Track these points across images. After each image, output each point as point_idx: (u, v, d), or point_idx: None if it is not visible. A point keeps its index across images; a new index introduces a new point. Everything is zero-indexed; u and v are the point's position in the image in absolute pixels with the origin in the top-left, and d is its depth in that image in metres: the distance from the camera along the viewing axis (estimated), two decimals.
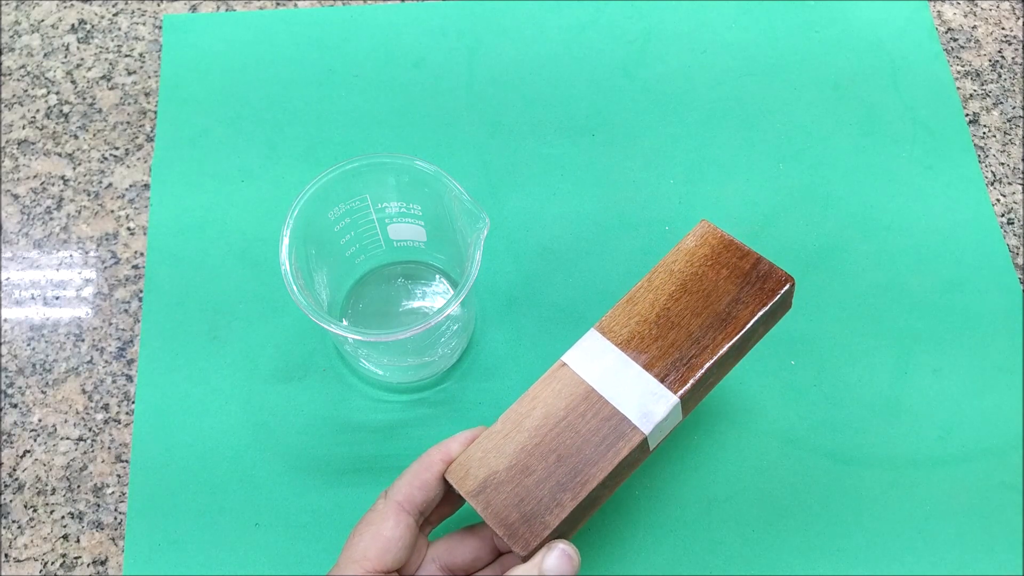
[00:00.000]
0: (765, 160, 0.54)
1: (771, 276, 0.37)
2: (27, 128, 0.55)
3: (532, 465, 0.35)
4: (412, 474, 0.36)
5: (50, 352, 0.49)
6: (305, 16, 0.58)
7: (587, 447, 0.35)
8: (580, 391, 0.36)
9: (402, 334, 0.38)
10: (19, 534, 0.45)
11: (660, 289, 0.38)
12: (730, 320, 0.37)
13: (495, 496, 0.34)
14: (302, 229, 0.40)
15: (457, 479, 0.35)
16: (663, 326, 0.37)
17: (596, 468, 0.34)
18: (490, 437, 0.36)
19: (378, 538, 0.35)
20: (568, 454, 0.35)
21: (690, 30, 0.58)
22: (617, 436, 0.35)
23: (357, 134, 0.54)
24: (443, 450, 0.36)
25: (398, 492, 0.36)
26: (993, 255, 0.52)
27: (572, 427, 0.35)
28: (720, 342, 0.36)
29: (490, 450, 0.35)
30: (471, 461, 0.35)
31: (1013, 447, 0.47)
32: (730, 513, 0.45)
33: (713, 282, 0.37)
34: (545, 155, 0.54)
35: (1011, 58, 0.58)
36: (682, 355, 0.36)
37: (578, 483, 0.34)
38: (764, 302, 0.37)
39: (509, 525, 0.34)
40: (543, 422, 0.35)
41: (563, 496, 0.34)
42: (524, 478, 0.34)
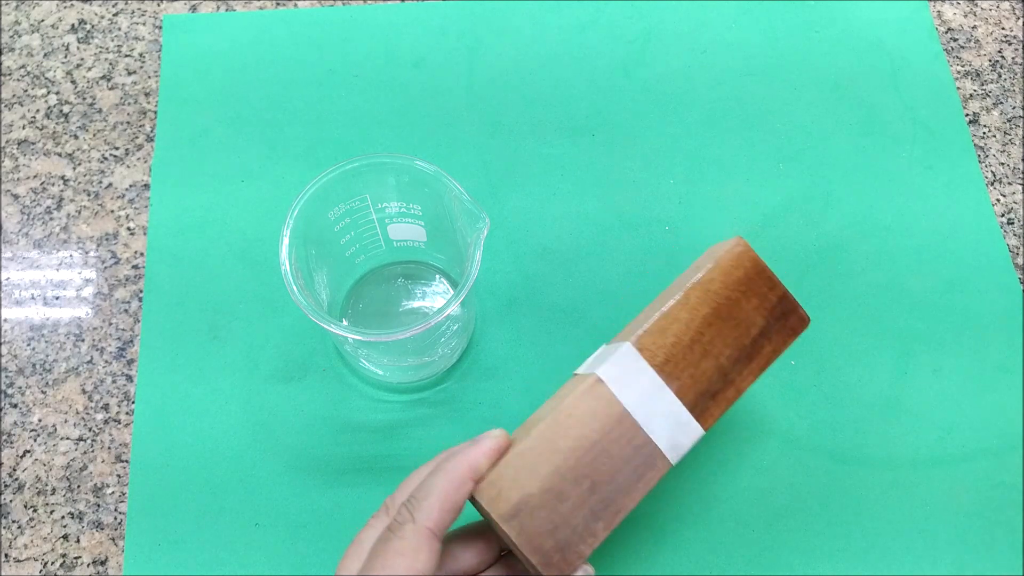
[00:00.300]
0: (765, 160, 0.54)
1: (794, 314, 0.37)
2: (27, 128, 0.55)
3: (567, 491, 0.33)
4: (442, 495, 0.32)
5: (50, 352, 0.49)
6: (305, 16, 0.58)
7: (620, 476, 0.34)
8: (615, 413, 0.35)
9: (402, 334, 0.38)
10: (19, 534, 0.45)
11: (696, 310, 0.36)
12: (756, 356, 0.37)
13: (529, 522, 0.33)
14: (302, 229, 0.40)
15: (488, 499, 0.33)
16: (697, 353, 0.36)
17: (628, 498, 0.34)
18: (522, 455, 0.34)
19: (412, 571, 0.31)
20: (602, 481, 0.34)
21: (690, 30, 0.58)
22: (648, 465, 0.34)
23: (357, 134, 0.54)
24: (472, 467, 0.32)
25: (428, 517, 0.32)
26: (993, 255, 0.52)
27: (606, 452, 0.34)
28: (746, 377, 0.36)
29: (522, 469, 0.33)
30: (503, 480, 0.33)
31: (1013, 447, 0.47)
32: (730, 513, 0.45)
33: (745, 312, 0.37)
34: (545, 155, 0.54)
35: (1011, 58, 0.58)
36: (711, 387, 0.36)
37: (611, 512, 0.33)
38: (786, 341, 0.37)
39: (544, 553, 0.32)
40: (577, 443, 0.34)
41: (596, 526, 0.33)
42: (559, 504, 0.33)
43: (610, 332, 0.49)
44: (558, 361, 0.49)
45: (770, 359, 0.37)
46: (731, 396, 0.36)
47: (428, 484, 0.32)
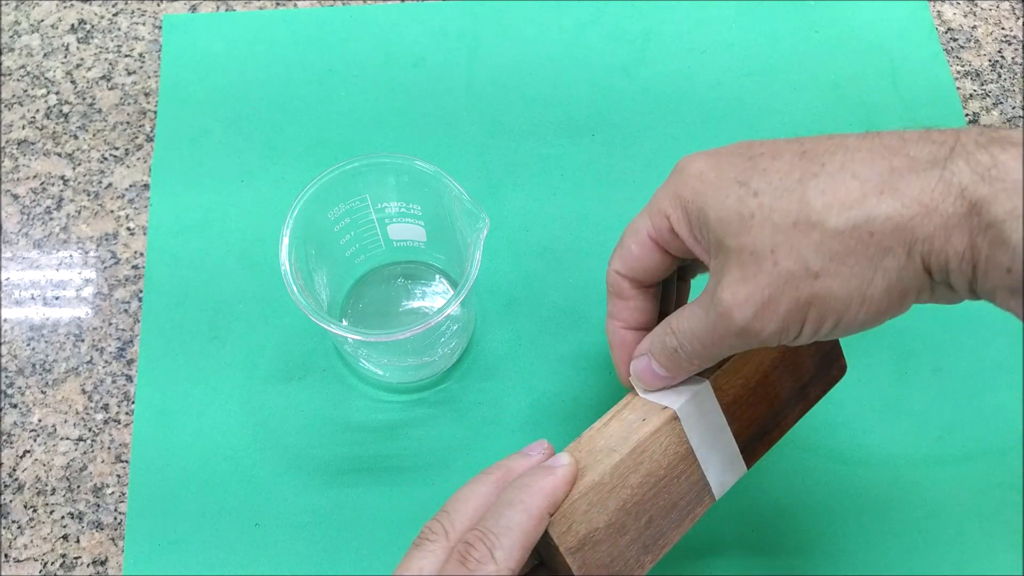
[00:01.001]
0: None
1: (837, 362, 0.38)
2: (27, 128, 0.55)
3: (627, 525, 0.33)
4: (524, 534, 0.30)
5: (50, 352, 0.49)
6: (305, 16, 0.58)
7: (674, 511, 0.34)
8: (683, 451, 0.34)
9: (402, 334, 0.38)
10: (19, 534, 0.45)
11: (766, 352, 0.36)
12: (802, 400, 0.37)
13: (591, 555, 0.32)
14: (302, 229, 0.40)
15: (559, 533, 0.32)
16: (759, 396, 0.36)
17: (677, 532, 0.34)
18: (596, 490, 0.33)
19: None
20: (658, 516, 0.34)
21: (690, 30, 0.58)
22: (698, 501, 0.35)
23: (357, 134, 0.54)
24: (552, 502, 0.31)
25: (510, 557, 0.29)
26: None
27: (668, 488, 0.34)
28: (790, 422, 0.37)
29: (594, 503, 0.33)
30: (575, 515, 0.32)
31: (1013, 447, 0.47)
32: (730, 513, 0.45)
33: (803, 357, 0.37)
34: (545, 155, 0.54)
35: (1011, 58, 0.58)
36: (761, 429, 0.36)
37: (659, 545, 0.34)
38: (826, 388, 0.38)
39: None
40: (645, 479, 0.34)
41: (645, 558, 0.34)
42: (619, 538, 0.33)
43: None
44: (558, 361, 0.49)
45: (813, 404, 0.37)
46: (775, 438, 0.37)
47: (507, 519, 0.30)
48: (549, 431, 0.47)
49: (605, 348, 0.37)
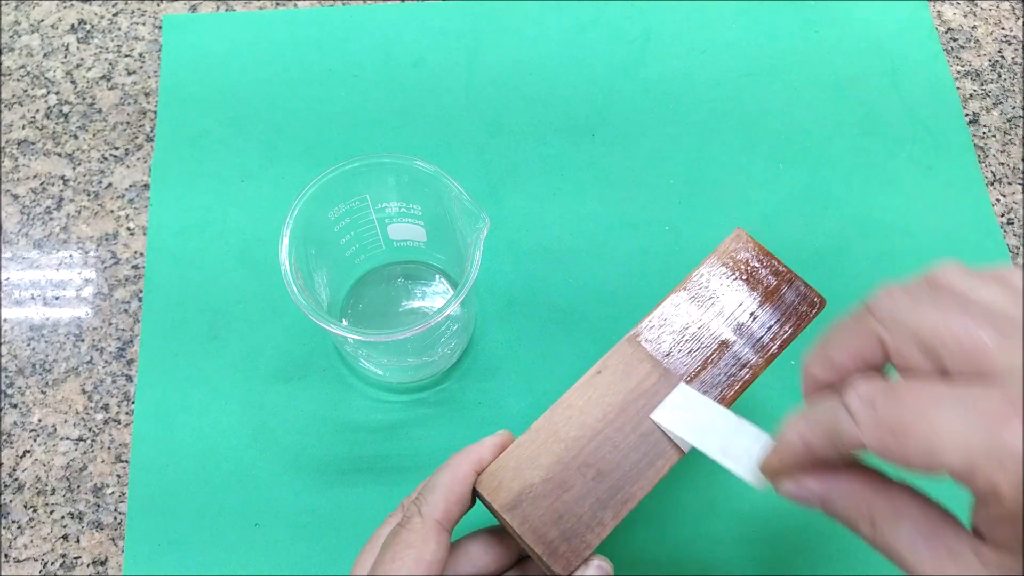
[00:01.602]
0: (765, 160, 0.54)
1: (806, 297, 0.37)
2: (27, 128, 0.55)
3: (570, 480, 0.33)
4: (446, 488, 0.33)
5: (50, 352, 0.49)
6: (305, 16, 0.58)
7: (627, 463, 0.33)
8: (618, 401, 0.34)
9: (402, 334, 0.38)
10: (19, 534, 0.45)
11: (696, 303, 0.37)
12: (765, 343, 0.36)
13: (532, 511, 0.32)
14: (302, 229, 0.40)
15: (489, 490, 0.33)
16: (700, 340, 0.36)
17: (637, 487, 0.33)
18: (523, 446, 0.33)
19: (421, 563, 0.31)
20: (608, 470, 0.33)
21: (690, 30, 0.58)
22: (658, 454, 0.34)
23: (357, 134, 0.54)
24: (473, 459, 0.33)
25: (435, 510, 0.33)
26: (993, 255, 0.52)
27: (611, 440, 0.34)
28: (757, 363, 0.36)
29: (524, 460, 0.33)
30: (503, 471, 0.33)
31: None
32: (730, 513, 0.45)
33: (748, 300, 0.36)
34: (545, 155, 0.54)
35: (1011, 58, 0.58)
36: (721, 372, 0.35)
37: (619, 500, 0.33)
38: (799, 326, 0.37)
39: (548, 543, 0.32)
40: (580, 432, 0.34)
41: (604, 514, 0.32)
42: (562, 493, 0.33)
43: (610, 332, 0.49)
44: (558, 361, 0.49)
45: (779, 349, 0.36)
46: (747, 378, 0.35)
47: (434, 479, 0.33)
48: None
49: (605, 348, 0.37)
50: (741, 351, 0.36)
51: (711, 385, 0.35)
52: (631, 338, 0.36)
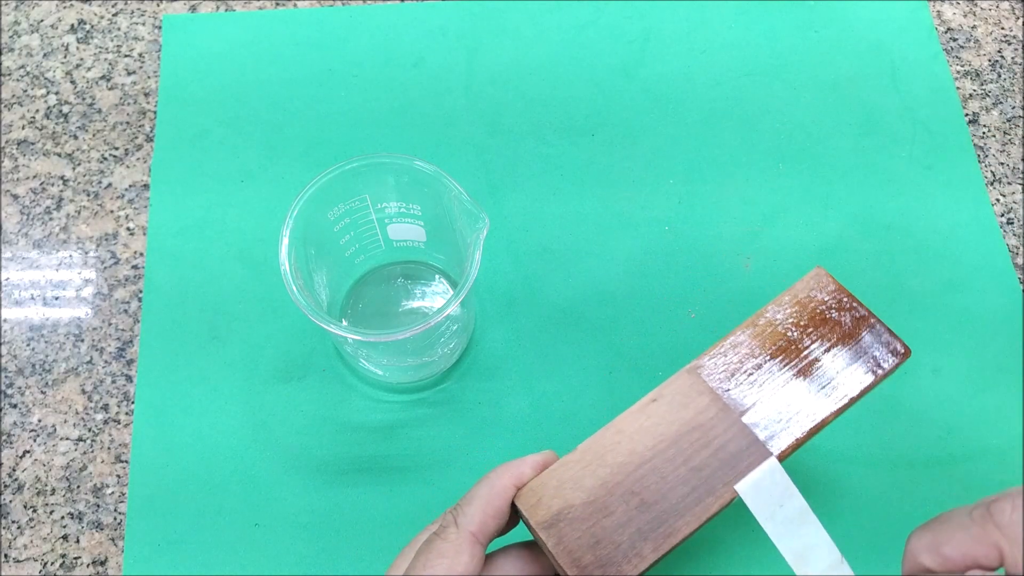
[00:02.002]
0: (765, 160, 0.54)
1: (888, 345, 0.35)
2: (27, 128, 0.55)
3: (612, 505, 0.32)
4: (484, 501, 0.33)
5: (50, 352, 0.49)
6: (305, 16, 0.58)
7: (673, 496, 0.32)
8: (671, 433, 0.33)
9: (402, 334, 0.38)
10: (19, 534, 0.45)
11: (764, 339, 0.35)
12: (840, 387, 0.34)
13: (569, 532, 0.31)
14: (302, 229, 0.40)
15: (527, 507, 0.32)
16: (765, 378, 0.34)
17: (682, 521, 0.32)
18: (567, 466, 0.33)
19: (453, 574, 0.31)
20: (652, 501, 0.32)
21: (690, 30, 0.58)
22: (708, 491, 0.32)
23: (357, 134, 0.54)
24: (514, 474, 0.33)
25: (471, 521, 0.32)
26: (993, 255, 0.52)
27: (658, 471, 0.32)
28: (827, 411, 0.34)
29: (566, 480, 0.32)
30: (544, 489, 0.32)
31: (1013, 447, 0.47)
32: (730, 513, 0.45)
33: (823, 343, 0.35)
34: (545, 155, 0.54)
35: (1011, 58, 0.58)
36: (785, 415, 0.33)
37: (661, 534, 0.31)
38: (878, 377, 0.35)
39: (582, 567, 0.31)
40: (627, 459, 0.32)
41: (643, 546, 0.31)
42: (602, 518, 0.32)
43: (610, 332, 0.49)
44: (558, 361, 0.49)
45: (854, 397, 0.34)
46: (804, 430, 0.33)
47: (473, 491, 0.33)
48: (549, 431, 0.47)
49: (605, 348, 0.37)
50: (809, 395, 0.34)
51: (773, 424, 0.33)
52: (691, 369, 0.34)
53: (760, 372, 0.34)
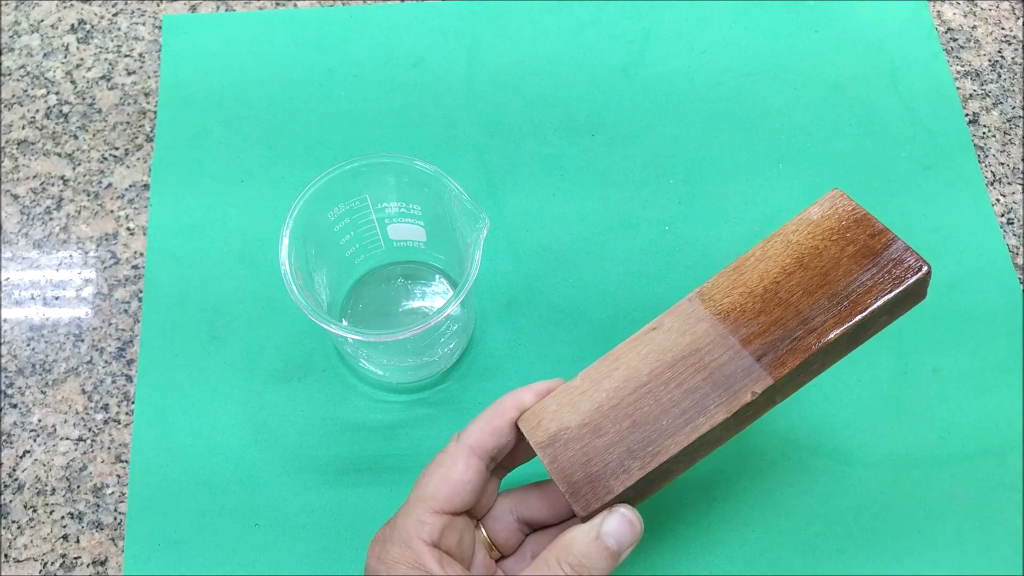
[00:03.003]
0: (765, 160, 0.54)
1: (903, 261, 0.32)
2: (27, 128, 0.55)
3: (605, 427, 0.33)
4: (484, 420, 0.36)
5: (50, 352, 0.49)
6: (305, 16, 0.58)
7: (665, 417, 0.33)
8: (668, 358, 0.34)
9: (402, 334, 0.38)
10: (19, 534, 0.45)
11: (773, 260, 0.34)
12: (848, 303, 0.32)
13: (563, 452, 0.33)
14: (302, 229, 0.40)
15: (528, 428, 0.35)
16: (769, 301, 0.33)
17: (671, 441, 0.32)
18: (567, 391, 0.35)
19: (447, 479, 0.35)
20: (644, 421, 0.33)
21: (690, 30, 0.58)
22: (699, 411, 0.32)
23: (357, 134, 0.54)
24: (517, 398, 0.36)
25: (469, 436, 0.36)
26: (993, 255, 0.52)
27: (653, 394, 0.33)
28: (832, 326, 0.32)
29: (564, 404, 0.34)
30: (544, 412, 0.34)
31: (1013, 447, 0.47)
32: (730, 513, 0.45)
33: (835, 259, 0.33)
34: (545, 155, 0.54)
35: (1011, 58, 0.58)
36: (786, 334, 0.32)
37: (649, 453, 0.32)
38: (891, 288, 0.32)
39: (572, 483, 0.33)
40: (623, 384, 0.34)
41: (632, 464, 0.33)
42: (595, 438, 0.33)
43: (610, 332, 0.49)
44: (558, 361, 0.49)
45: (867, 307, 0.32)
46: (811, 344, 0.32)
47: (478, 416, 0.36)
48: None
49: (605, 348, 0.37)
50: (818, 311, 0.32)
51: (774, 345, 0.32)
52: (693, 297, 0.35)
53: (768, 294, 0.33)
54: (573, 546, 0.32)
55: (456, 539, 0.35)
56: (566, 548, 0.32)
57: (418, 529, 0.34)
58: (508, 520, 0.38)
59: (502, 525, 0.38)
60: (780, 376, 0.32)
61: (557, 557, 0.32)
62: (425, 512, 0.34)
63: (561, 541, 0.33)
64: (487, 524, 0.38)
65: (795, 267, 0.33)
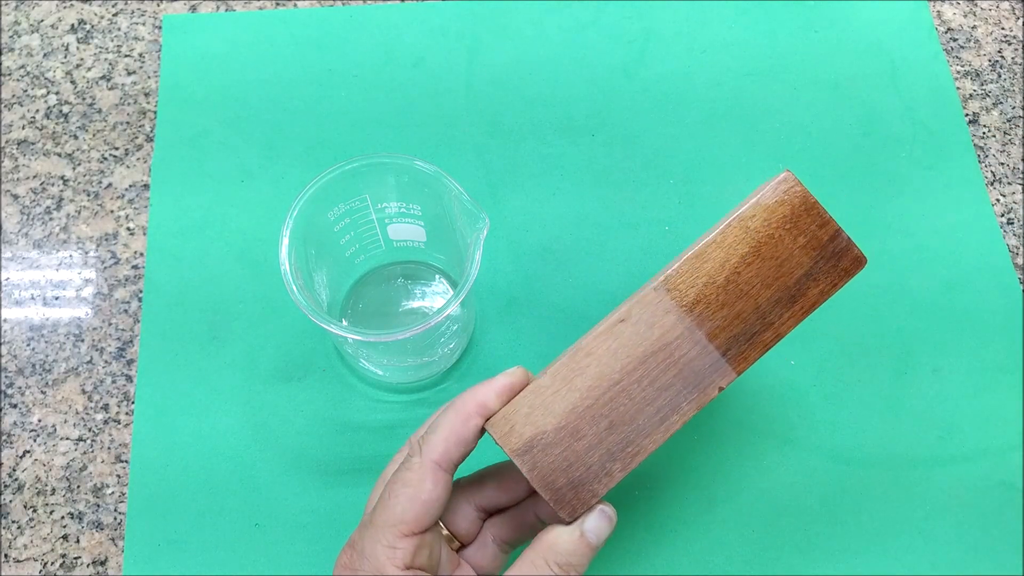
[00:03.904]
0: (765, 160, 0.54)
1: (847, 254, 0.35)
2: (27, 128, 0.55)
3: (583, 429, 0.33)
4: (448, 429, 0.34)
5: (50, 352, 0.49)
6: (305, 16, 0.58)
7: (640, 416, 0.33)
8: (638, 353, 0.34)
9: (402, 334, 0.38)
10: (19, 534, 0.45)
11: (733, 248, 0.35)
12: (799, 297, 0.34)
13: (542, 458, 0.33)
14: (302, 229, 0.40)
15: (501, 434, 0.33)
16: (731, 292, 0.34)
17: (649, 440, 0.33)
18: (537, 392, 0.34)
19: (416, 501, 0.33)
20: (621, 421, 0.33)
21: (690, 30, 0.58)
22: (672, 409, 0.33)
23: (357, 134, 0.54)
24: (479, 402, 0.34)
25: (434, 450, 0.33)
26: (993, 255, 0.52)
27: (627, 392, 0.34)
28: (787, 320, 0.34)
29: (536, 406, 0.33)
30: (516, 416, 0.33)
31: (1013, 447, 0.47)
32: (730, 513, 0.45)
33: (788, 250, 0.35)
34: (545, 155, 0.54)
35: (1011, 58, 0.58)
36: (746, 329, 0.34)
37: (628, 454, 0.33)
38: (836, 283, 0.35)
39: (556, 490, 0.33)
40: (596, 383, 0.34)
41: (613, 466, 0.33)
42: (574, 442, 0.33)
43: None
44: None
45: (816, 302, 0.34)
46: (769, 340, 0.34)
47: (439, 419, 0.34)
48: None
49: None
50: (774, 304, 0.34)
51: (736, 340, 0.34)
52: (658, 286, 0.34)
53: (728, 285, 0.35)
54: (558, 546, 0.33)
55: (427, 554, 0.34)
56: (551, 548, 0.33)
57: (390, 556, 0.32)
58: (466, 510, 0.37)
59: (460, 516, 0.37)
60: (742, 371, 0.34)
61: (544, 558, 0.33)
62: (395, 538, 0.32)
63: (544, 541, 0.33)
64: (445, 518, 0.37)
65: (753, 257, 0.35)
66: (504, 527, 0.37)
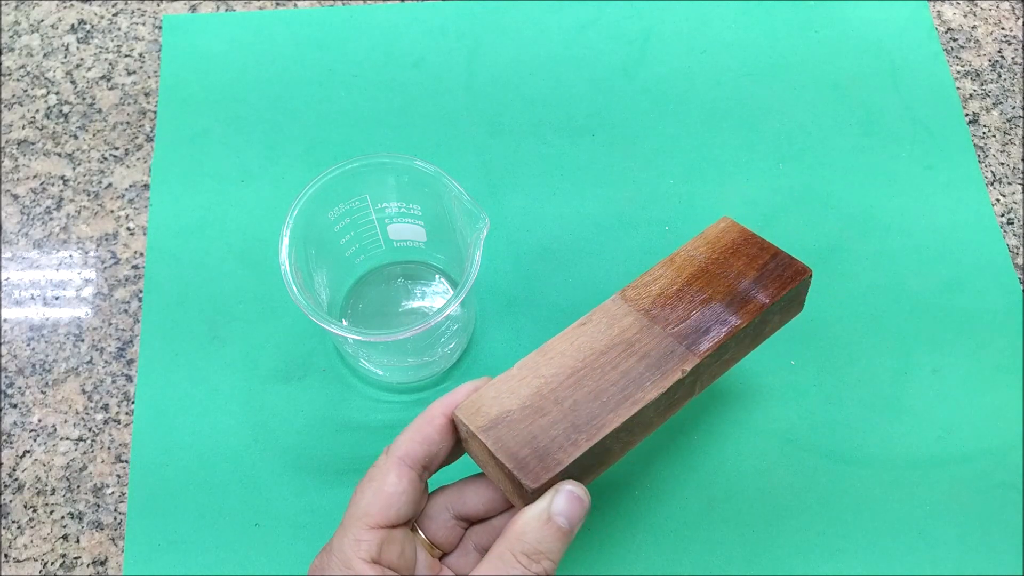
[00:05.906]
0: (765, 160, 0.54)
1: (790, 267, 0.39)
2: (27, 128, 0.55)
3: (547, 408, 0.34)
4: (413, 429, 0.35)
5: (50, 352, 0.49)
6: (305, 16, 0.58)
7: (605, 395, 0.35)
8: (600, 346, 0.36)
9: (402, 334, 0.38)
10: (19, 534, 0.45)
11: (682, 269, 0.39)
12: (750, 301, 0.38)
13: (507, 432, 0.34)
14: (302, 229, 0.40)
15: (467, 415, 0.34)
16: (684, 299, 0.38)
17: (613, 415, 0.34)
18: (504, 380, 0.35)
19: (380, 494, 0.34)
20: (585, 400, 0.35)
21: (690, 30, 0.58)
22: (636, 386, 0.35)
23: (357, 134, 0.54)
24: (445, 404, 0.35)
25: (398, 448, 0.35)
26: (993, 255, 0.52)
27: (591, 376, 0.35)
28: (743, 317, 0.37)
29: (503, 392, 0.35)
30: (483, 400, 0.35)
31: (1013, 447, 0.47)
32: (730, 513, 0.45)
33: (734, 267, 0.39)
34: (545, 155, 0.54)
35: (1011, 58, 0.58)
36: (702, 324, 0.37)
37: (594, 426, 0.34)
38: (782, 289, 0.38)
39: (519, 459, 0.33)
40: (560, 370, 0.35)
41: (578, 436, 0.33)
42: (538, 418, 0.34)
43: None
44: None
45: (764, 306, 0.37)
46: (722, 333, 0.37)
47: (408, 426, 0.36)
48: None
49: None
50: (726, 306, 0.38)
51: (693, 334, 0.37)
52: (616, 297, 0.38)
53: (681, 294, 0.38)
54: (526, 534, 0.32)
55: (397, 552, 0.34)
56: (519, 537, 0.32)
57: (355, 548, 0.33)
58: (444, 518, 0.37)
59: (439, 524, 0.37)
60: (704, 356, 0.36)
61: (511, 549, 0.32)
62: (361, 530, 0.33)
63: (512, 530, 0.32)
64: (423, 524, 0.37)
65: (701, 273, 0.39)
66: (486, 535, 0.37)
